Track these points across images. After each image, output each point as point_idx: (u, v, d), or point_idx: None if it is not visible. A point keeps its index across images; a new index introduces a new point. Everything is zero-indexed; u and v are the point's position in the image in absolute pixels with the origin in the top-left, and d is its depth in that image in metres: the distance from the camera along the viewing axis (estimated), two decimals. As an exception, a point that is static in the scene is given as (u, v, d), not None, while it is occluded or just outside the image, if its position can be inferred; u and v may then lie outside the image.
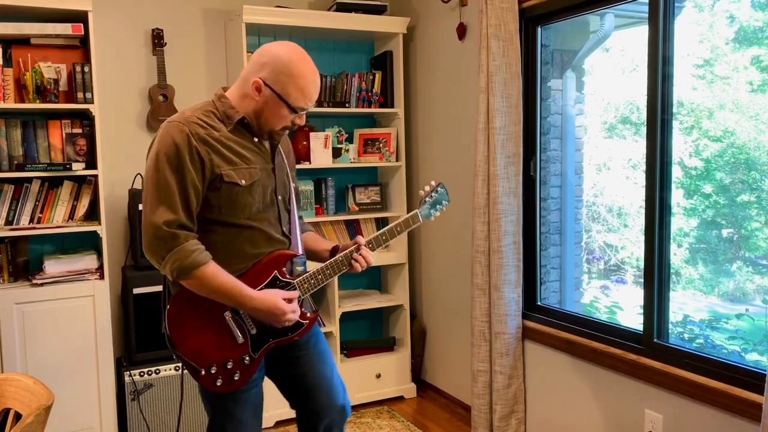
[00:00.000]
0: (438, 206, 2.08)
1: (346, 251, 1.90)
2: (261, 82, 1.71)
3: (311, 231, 2.09)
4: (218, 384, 1.78)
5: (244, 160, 1.75)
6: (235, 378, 1.79)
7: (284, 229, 1.86)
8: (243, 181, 1.73)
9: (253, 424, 1.91)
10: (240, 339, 1.78)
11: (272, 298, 1.75)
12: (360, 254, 1.90)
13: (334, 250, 1.97)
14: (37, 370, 2.78)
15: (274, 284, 1.81)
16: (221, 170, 1.70)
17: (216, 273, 1.69)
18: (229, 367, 1.78)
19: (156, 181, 1.67)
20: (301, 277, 1.85)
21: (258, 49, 1.79)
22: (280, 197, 1.85)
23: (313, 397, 1.98)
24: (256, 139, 1.81)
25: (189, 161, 1.66)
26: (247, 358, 1.80)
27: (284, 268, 1.83)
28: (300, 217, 2.06)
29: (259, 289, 1.79)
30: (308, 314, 1.91)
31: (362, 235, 2.30)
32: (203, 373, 1.76)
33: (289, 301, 1.79)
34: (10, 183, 2.90)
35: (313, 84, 1.76)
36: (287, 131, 1.83)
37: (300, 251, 1.91)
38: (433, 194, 2.06)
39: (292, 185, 1.93)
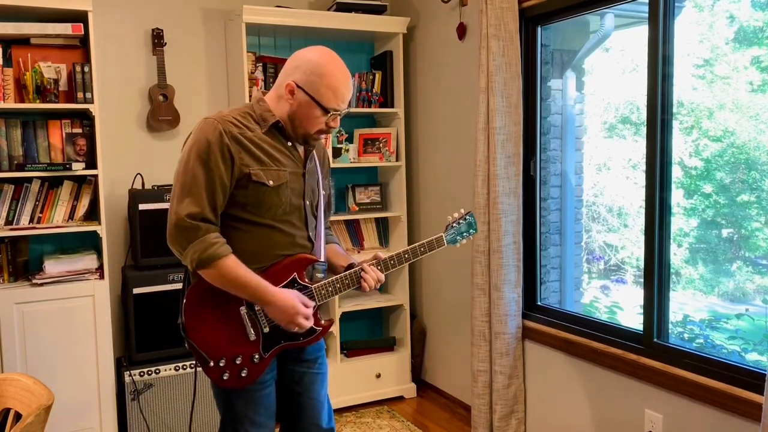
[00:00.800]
0: (465, 234, 2.07)
1: (356, 268, 1.89)
2: (294, 84, 1.75)
3: (336, 244, 2.09)
4: (225, 378, 1.79)
5: (274, 162, 1.78)
6: (243, 374, 1.80)
7: (310, 234, 1.88)
8: (271, 182, 1.76)
9: (266, 425, 1.90)
10: (252, 336, 1.79)
11: (291, 297, 1.76)
12: (367, 273, 1.88)
13: (349, 268, 1.95)
14: (37, 370, 2.78)
15: (292, 286, 1.82)
16: (250, 169, 1.73)
17: (235, 266, 1.71)
18: (238, 362, 1.79)
19: (185, 174, 1.71)
20: (319, 284, 1.86)
21: (293, 54, 1.83)
22: (308, 202, 1.87)
23: (303, 417, 1.99)
24: (289, 143, 1.84)
25: (219, 158, 1.70)
26: (257, 356, 1.81)
27: (304, 272, 1.84)
28: (327, 228, 2.07)
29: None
30: (322, 321, 1.91)
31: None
32: (212, 364, 1.77)
33: (306, 306, 1.79)
34: (10, 183, 2.90)
35: (344, 84, 1.78)
36: (323, 135, 1.85)
37: (322, 258, 1.91)
38: (461, 221, 2.07)
39: (323, 193, 1.95)
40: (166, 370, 3.03)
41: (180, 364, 3.04)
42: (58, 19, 2.90)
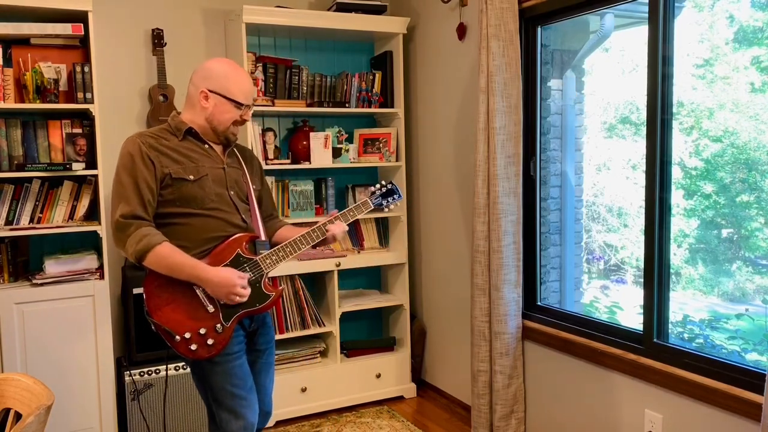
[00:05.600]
0: (390, 199, 2.35)
1: (319, 224, 2.18)
2: (207, 91, 2.05)
3: (288, 225, 2.35)
4: (193, 348, 1.96)
5: (191, 161, 2.04)
6: (209, 343, 1.97)
7: (243, 216, 2.11)
8: (191, 177, 2.01)
9: (247, 398, 2.05)
10: (210, 308, 1.99)
11: (226, 272, 1.98)
12: (333, 224, 2.19)
13: None
14: (37, 370, 2.78)
15: (238, 260, 2.04)
16: (169, 169, 1.99)
17: (170, 252, 1.93)
18: (202, 332, 1.97)
19: (116, 185, 1.97)
20: (263, 255, 2.08)
21: (194, 71, 2.11)
22: (232, 192, 2.10)
23: None
24: (206, 146, 2.10)
25: (142, 164, 1.96)
26: (219, 326, 1.99)
27: (246, 247, 2.07)
28: (276, 217, 2.38)
29: (224, 266, 2.01)
30: (272, 287, 2.10)
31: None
32: (178, 338, 1.96)
33: (241, 278, 1.99)
34: (10, 183, 2.90)
35: (246, 80, 2.10)
36: (239, 127, 2.12)
37: (262, 237, 2.14)
38: (382, 188, 2.35)
39: (252, 186, 2.21)
40: (166, 369, 3.03)
41: (180, 364, 3.04)
42: (58, 19, 2.90)
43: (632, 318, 2.98)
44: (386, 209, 2.36)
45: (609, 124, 3.45)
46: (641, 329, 2.47)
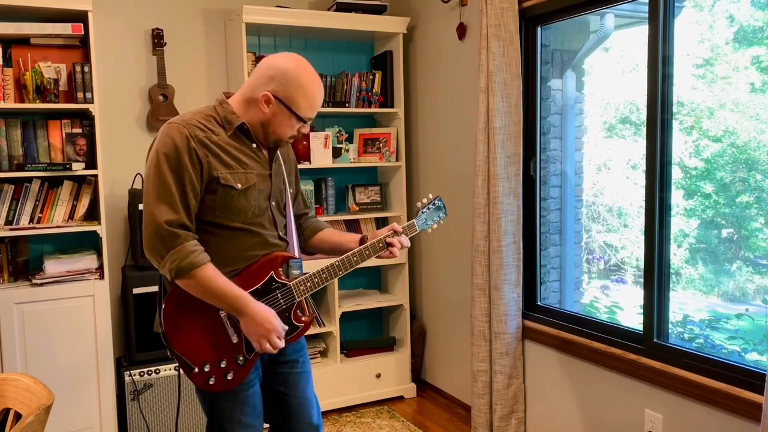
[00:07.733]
0: (436, 218, 2.09)
1: (381, 237, 1.92)
2: (270, 95, 1.75)
3: (329, 227, 2.10)
4: (211, 383, 1.78)
5: (241, 165, 1.78)
6: (228, 377, 1.79)
7: (280, 233, 1.89)
8: (239, 185, 1.76)
9: (255, 426, 1.90)
10: (234, 338, 1.79)
11: (269, 312, 1.76)
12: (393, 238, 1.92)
13: (363, 241, 1.96)
14: (37, 370, 2.78)
15: (270, 285, 1.82)
16: (218, 173, 1.73)
17: (214, 275, 1.70)
18: (222, 366, 1.78)
19: (156, 180, 1.69)
20: (297, 280, 1.86)
21: (263, 60, 1.82)
22: (274, 203, 1.87)
23: (292, 417, 1.99)
24: (254, 145, 1.83)
25: (188, 162, 1.69)
26: (241, 358, 1.80)
27: (280, 270, 1.85)
28: (313, 216, 2.13)
29: (255, 289, 1.80)
30: (303, 318, 1.91)
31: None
32: (196, 370, 1.76)
33: (279, 331, 1.79)
34: (10, 183, 2.90)
35: (320, 95, 1.81)
36: (293, 140, 1.88)
37: (297, 255, 1.93)
38: (430, 206, 2.08)
39: (289, 191, 1.96)
40: (166, 370, 3.04)
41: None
42: (58, 19, 2.90)
43: (632, 318, 2.98)
44: (429, 230, 2.11)
45: (609, 124, 3.45)
46: (641, 329, 2.47)
